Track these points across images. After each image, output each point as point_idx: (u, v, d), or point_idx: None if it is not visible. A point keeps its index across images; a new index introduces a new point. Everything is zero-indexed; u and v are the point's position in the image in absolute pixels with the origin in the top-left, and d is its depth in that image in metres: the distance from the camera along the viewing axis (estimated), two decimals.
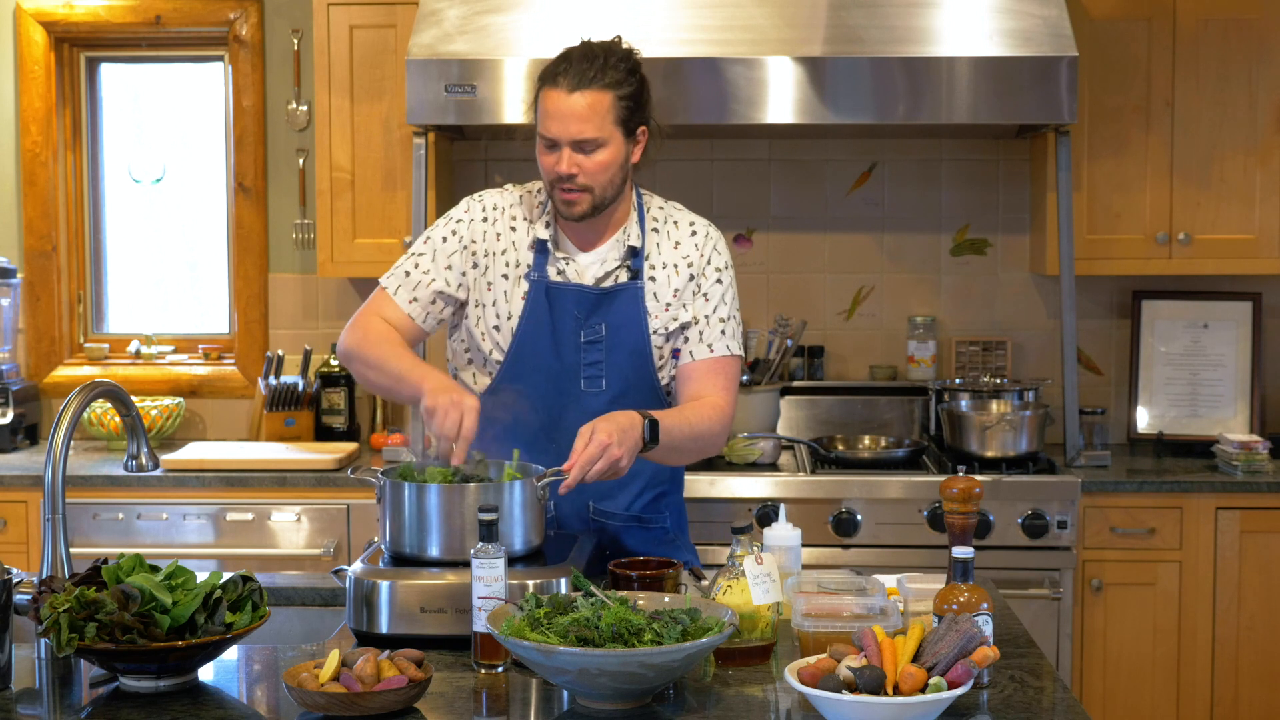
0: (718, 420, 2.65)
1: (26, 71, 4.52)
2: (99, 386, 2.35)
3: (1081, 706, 2.03)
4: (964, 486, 2.18)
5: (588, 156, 2.57)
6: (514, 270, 2.68)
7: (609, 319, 2.66)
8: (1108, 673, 3.90)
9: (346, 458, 4.09)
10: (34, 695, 2.11)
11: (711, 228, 2.77)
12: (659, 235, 2.71)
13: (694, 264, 2.70)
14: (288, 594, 2.63)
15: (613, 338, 2.65)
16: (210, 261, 4.73)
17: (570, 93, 2.54)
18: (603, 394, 2.66)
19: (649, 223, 2.72)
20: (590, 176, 2.58)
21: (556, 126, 2.56)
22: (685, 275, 2.70)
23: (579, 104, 2.54)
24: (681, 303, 2.69)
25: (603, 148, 2.57)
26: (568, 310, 2.65)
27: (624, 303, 2.66)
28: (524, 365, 2.67)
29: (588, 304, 2.66)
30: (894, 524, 3.81)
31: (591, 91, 2.55)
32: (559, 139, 2.56)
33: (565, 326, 2.65)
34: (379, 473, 2.42)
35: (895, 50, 3.74)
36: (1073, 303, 4.00)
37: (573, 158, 2.56)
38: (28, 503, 3.97)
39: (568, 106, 2.54)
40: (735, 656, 2.19)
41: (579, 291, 2.66)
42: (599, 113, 2.55)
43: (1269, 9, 4.07)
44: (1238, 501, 3.87)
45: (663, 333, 2.68)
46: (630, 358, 2.66)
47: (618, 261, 2.68)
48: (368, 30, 4.12)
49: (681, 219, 2.75)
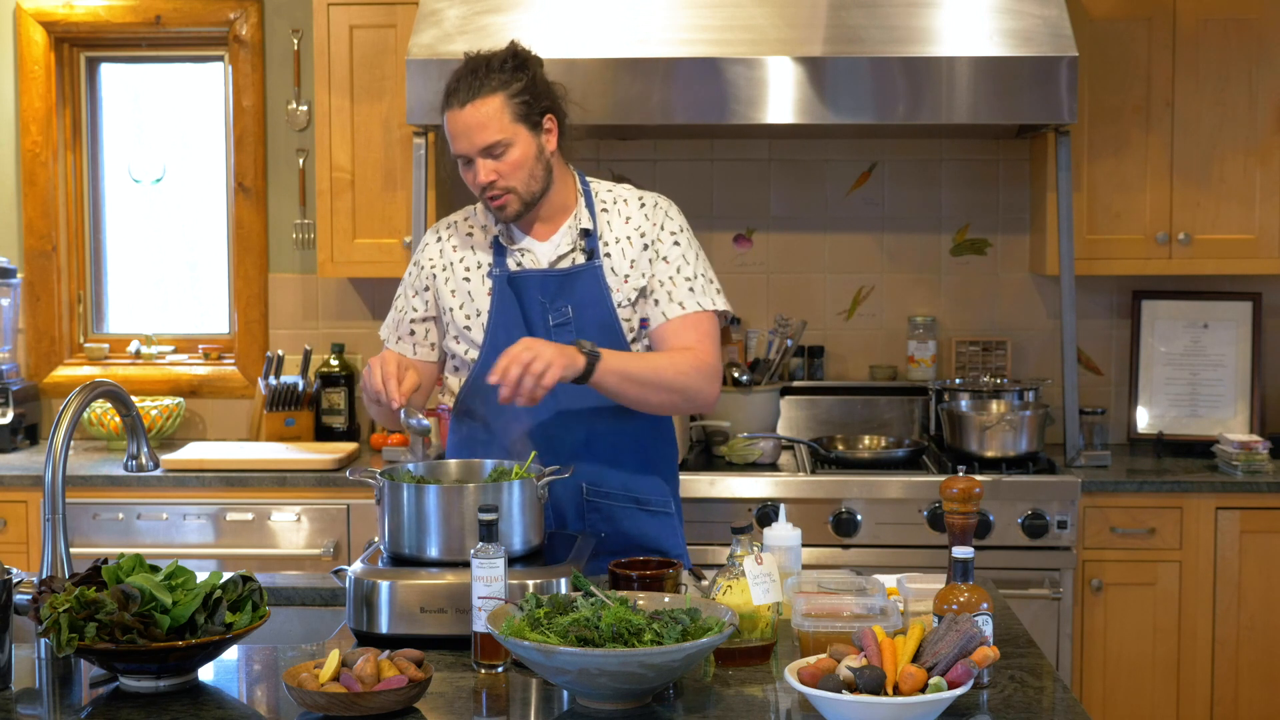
0: (691, 367, 2.66)
1: (26, 71, 4.52)
2: (99, 386, 2.35)
3: (1081, 706, 2.03)
4: (964, 486, 2.19)
5: (499, 160, 2.66)
6: (477, 271, 2.78)
7: (573, 300, 2.73)
8: (1108, 673, 3.90)
9: (346, 458, 4.09)
10: (34, 695, 2.11)
11: (661, 198, 2.83)
12: (609, 214, 2.79)
13: (646, 233, 2.77)
14: (288, 594, 2.63)
15: (580, 318, 2.72)
16: (210, 261, 4.73)
17: (463, 107, 2.65)
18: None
19: (598, 204, 2.80)
20: (508, 178, 2.67)
21: (462, 143, 2.67)
22: (639, 246, 2.76)
23: (472, 116, 2.65)
24: (640, 271, 2.75)
25: (511, 147, 2.66)
26: (533, 297, 2.73)
27: (585, 282, 2.73)
28: (498, 355, 2.69)
29: (551, 288, 2.73)
30: (894, 524, 3.81)
31: (480, 100, 2.65)
32: (467, 153, 2.67)
33: (534, 313, 2.73)
34: (377, 473, 2.42)
35: (895, 50, 3.74)
36: (1073, 303, 4.00)
37: (486, 165, 2.67)
38: (28, 503, 3.98)
39: (464, 121, 2.65)
40: (735, 656, 2.19)
41: (541, 277, 2.74)
42: (493, 116, 2.65)
43: (1269, 9, 4.07)
44: (1238, 501, 3.87)
45: (627, 305, 2.74)
46: (600, 334, 2.71)
47: (572, 245, 2.76)
48: (368, 30, 4.12)
49: (630, 196, 2.83)
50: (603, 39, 3.80)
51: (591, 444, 2.74)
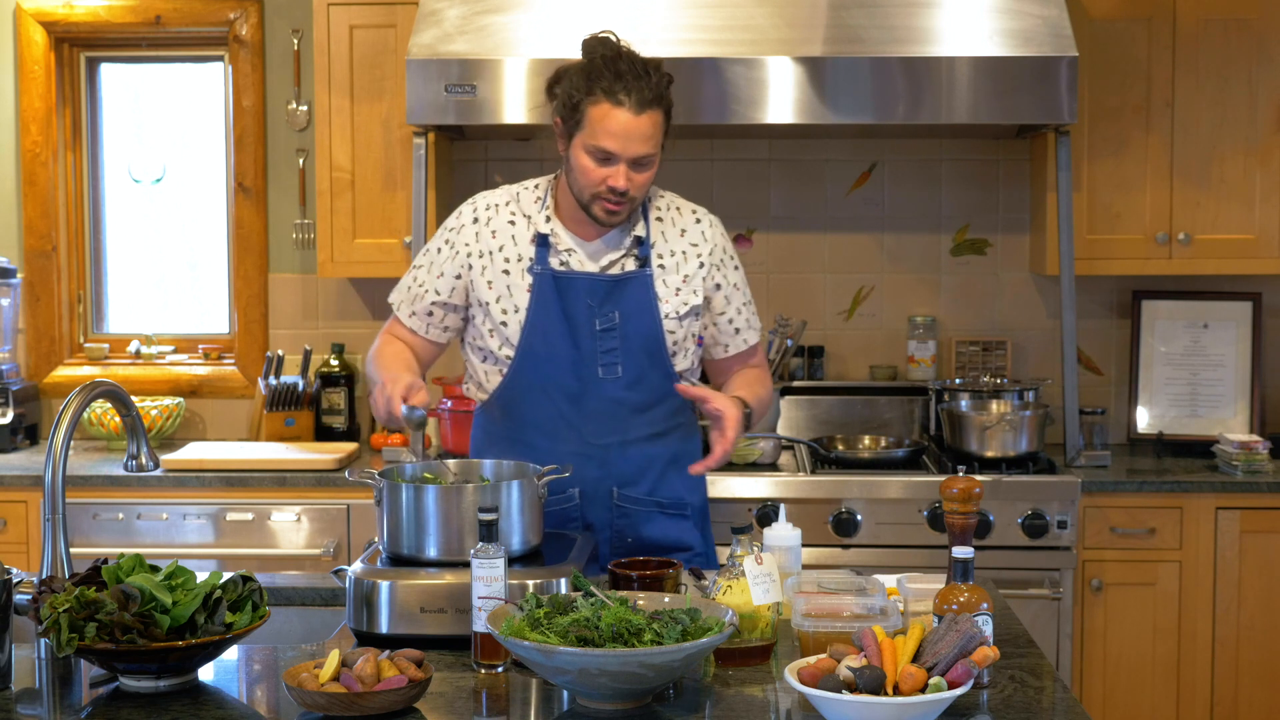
0: (769, 388, 2.91)
1: (26, 71, 4.52)
2: (99, 386, 2.35)
3: (1081, 706, 2.03)
4: (964, 486, 2.19)
5: (640, 172, 2.63)
6: (516, 265, 2.73)
7: (622, 307, 2.71)
8: (1108, 673, 3.90)
9: (346, 458, 4.09)
10: (34, 695, 2.11)
11: (711, 215, 2.87)
12: (663, 224, 2.78)
13: (703, 253, 2.78)
14: (288, 594, 2.63)
15: (626, 325, 2.71)
16: (210, 261, 4.73)
17: (637, 114, 2.58)
18: (619, 380, 2.72)
19: (653, 212, 2.79)
20: (639, 189, 2.65)
21: (618, 144, 2.59)
22: (695, 263, 2.77)
23: (645, 125, 2.59)
24: (692, 289, 2.75)
25: (654, 162, 2.65)
26: (580, 299, 2.70)
27: (635, 290, 2.71)
28: (537, 356, 2.71)
29: (600, 292, 2.70)
30: (894, 524, 3.81)
31: (652, 112, 2.61)
32: (619, 155, 2.60)
33: (579, 315, 2.70)
34: (377, 474, 2.42)
35: (895, 50, 3.74)
36: (1073, 302, 4.00)
37: (629, 174, 2.62)
38: (28, 503, 3.98)
39: (635, 127, 2.59)
40: (735, 656, 2.19)
41: (590, 280, 2.70)
42: (657, 130, 2.62)
43: (1269, 9, 4.07)
44: (1238, 501, 3.87)
45: (674, 317, 2.74)
46: (645, 344, 2.72)
47: (623, 250, 2.73)
48: (368, 30, 4.12)
49: (684, 207, 2.84)
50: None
51: (625, 450, 2.76)
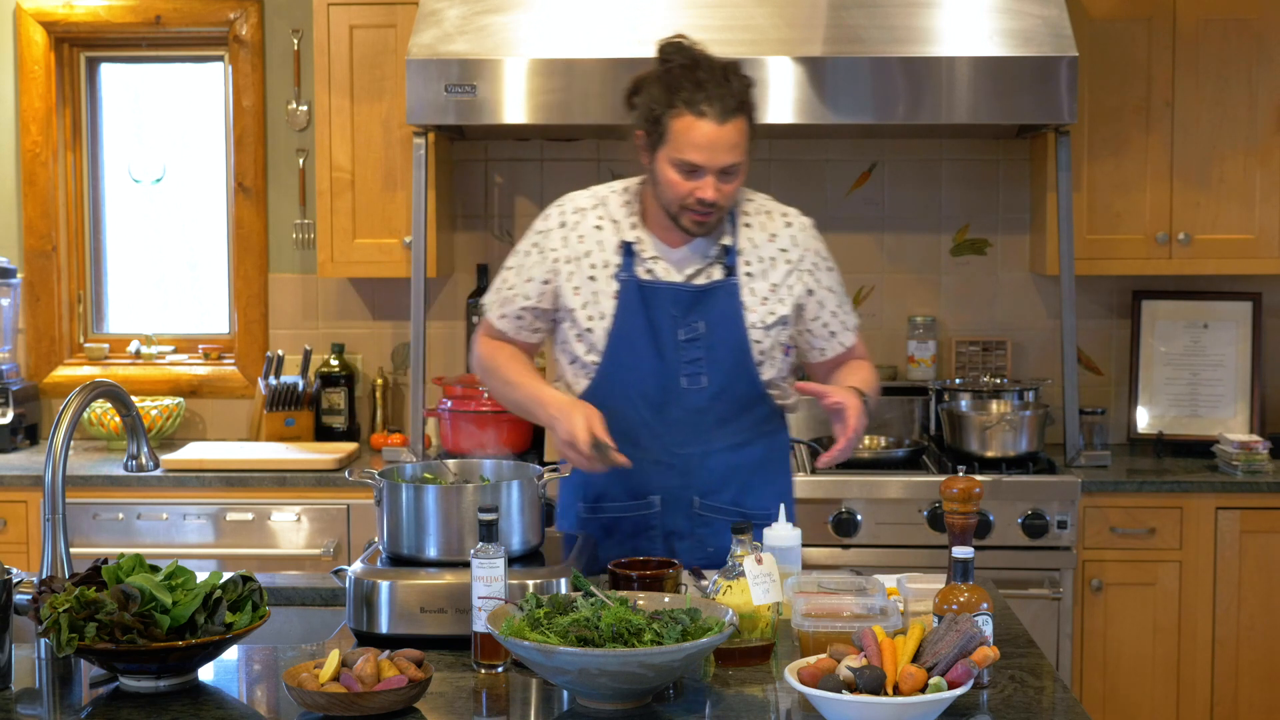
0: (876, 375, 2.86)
1: (26, 71, 4.52)
2: (99, 386, 2.35)
3: (1081, 706, 2.03)
4: (964, 486, 2.19)
5: (728, 181, 2.59)
6: (602, 271, 2.69)
7: (707, 316, 2.67)
8: (1108, 673, 3.90)
9: (346, 458, 4.09)
10: (34, 695, 2.11)
11: (802, 216, 2.80)
12: (752, 230, 2.73)
13: (794, 259, 2.73)
14: (288, 594, 2.63)
15: (712, 335, 2.67)
16: (210, 261, 4.73)
17: (721, 124, 2.54)
18: (704, 390, 2.69)
19: (741, 218, 2.73)
20: (727, 199, 2.61)
21: (704, 156, 2.55)
22: (784, 270, 2.72)
23: (730, 135, 2.55)
24: (779, 297, 2.71)
25: (740, 170, 2.60)
26: (664, 309, 2.66)
27: (721, 300, 2.67)
28: (621, 364, 2.68)
29: (685, 302, 2.67)
30: (894, 524, 3.81)
31: (736, 120, 2.56)
32: (706, 166, 2.56)
33: (664, 325, 2.66)
34: (376, 474, 2.42)
35: (895, 50, 3.74)
36: (1073, 303, 4.00)
37: (717, 185, 2.57)
38: (28, 503, 3.97)
39: (720, 138, 2.54)
40: (735, 656, 2.19)
41: (675, 290, 2.66)
42: (742, 138, 2.58)
43: (1269, 9, 4.07)
44: (1238, 501, 3.87)
45: (760, 327, 2.69)
46: (730, 354, 2.68)
47: (709, 258, 2.69)
48: (368, 30, 4.12)
49: (774, 210, 2.78)
50: (603, 39, 3.79)
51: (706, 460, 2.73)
